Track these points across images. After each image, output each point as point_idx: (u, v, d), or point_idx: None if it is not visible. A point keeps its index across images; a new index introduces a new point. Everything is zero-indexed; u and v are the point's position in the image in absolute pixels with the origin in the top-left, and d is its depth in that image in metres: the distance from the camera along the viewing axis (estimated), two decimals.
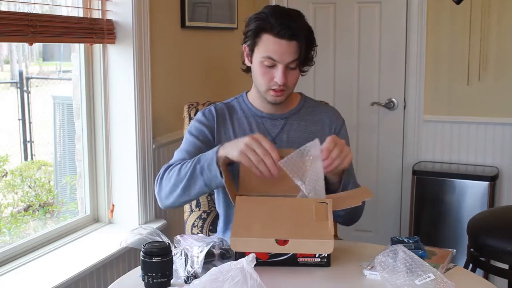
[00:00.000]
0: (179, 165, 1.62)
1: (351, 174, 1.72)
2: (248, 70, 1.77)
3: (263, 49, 1.64)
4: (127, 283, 1.39)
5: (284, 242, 1.34)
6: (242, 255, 1.37)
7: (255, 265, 1.10)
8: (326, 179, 1.58)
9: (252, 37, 1.67)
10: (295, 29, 1.61)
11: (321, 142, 1.75)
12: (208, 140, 1.75)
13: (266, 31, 1.63)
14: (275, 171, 1.45)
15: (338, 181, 1.61)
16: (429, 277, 1.23)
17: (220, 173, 1.52)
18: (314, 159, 1.46)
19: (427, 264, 1.27)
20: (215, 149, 1.54)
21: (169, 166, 1.66)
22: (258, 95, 1.77)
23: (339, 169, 1.52)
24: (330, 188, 1.61)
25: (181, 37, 2.66)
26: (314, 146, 1.47)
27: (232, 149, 1.49)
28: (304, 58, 1.66)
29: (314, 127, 1.80)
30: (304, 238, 1.35)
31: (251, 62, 1.72)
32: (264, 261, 1.40)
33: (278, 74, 1.64)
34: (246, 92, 1.85)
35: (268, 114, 1.78)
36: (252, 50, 1.69)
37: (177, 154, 1.74)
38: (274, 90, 1.68)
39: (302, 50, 1.63)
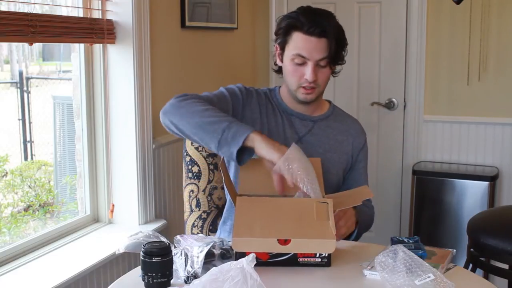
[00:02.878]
0: (211, 107, 1.57)
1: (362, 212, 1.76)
2: (279, 71, 1.78)
3: (293, 46, 1.66)
4: (127, 283, 1.39)
5: (286, 242, 1.34)
6: (242, 255, 1.38)
7: (256, 265, 1.10)
8: None
9: (283, 35, 1.69)
10: (325, 26, 1.62)
11: (343, 152, 1.80)
12: (238, 104, 1.74)
13: (296, 29, 1.65)
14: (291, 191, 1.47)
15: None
16: (429, 277, 1.23)
17: (239, 150, 1.47)
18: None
19: (427, 264, 1.27)
20: (252, 128, 1.51)
21: (199, 95, 1.64)
22: (289, 94, 1.77)
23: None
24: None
25: (181, 37, 2.66)
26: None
27: (269, 148, 1.46)
28: (334, 56, 1.66)
29: (340, 137, 1.82)
30: (306, 237, 1.35)
31: (282, 61, 1.73)
32: (265, 261, 1.40)
33: (308, 71, 1.65)
34: (278, 88, 1.84)
35: (298, 113, 1.79)
36: (283, 49, 1.71)
37: (206, 93, 1.72)
38: (304, 88, 1.69)
39: (332, 47, 1.64)
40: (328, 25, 1.64)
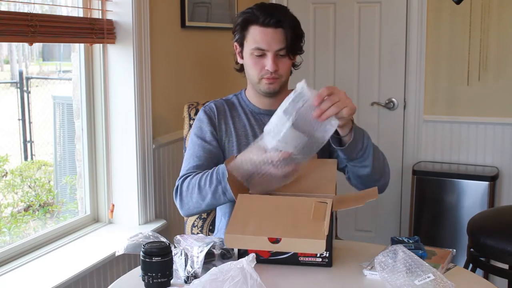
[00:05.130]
0: (196, 180, 1.63)
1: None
2: (241, 69, 1.81)
3: (251, 40, 1.69)
4: (127, 283, 1.39)
5: (277, 240, 1.34)
6: (244, 252, 1.38)
7: (256, 263, 1.10)
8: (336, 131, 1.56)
9: (240, 31, 1.73)
10: (280, 17, 1.67)
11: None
12: (215, 139, 1.78)
13: (252, 23, 1.69)
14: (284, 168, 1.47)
15: (347, 132, 1.57)
16: (428, 277, 1.23)
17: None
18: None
19: (427, 264, 1.27)
20: (222, 177, 1.57)
21: (185, 179, 1.68)
22: (254, 91, 1.80)
23: (340, 118, 1.48)
24: (342, 140, 1.59)
25: (181, 37, 2.66)
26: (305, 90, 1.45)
27: (247, 169, 1.52)
28: (292, 46, 1.69)
29: None
30: (296, 237, 1.35)
31: (242, 58, 1.77)
32: (266, 259, 1.41)
33: (268, 62, 1.67)
34: (244, 90, 1.87)
35: (266, 110, 1.80)
36: (241, 45, 1.74)
37: (188, 161, 1.75)
38: (266, 78, 1.70)
39: (289, 37, 1.67)
40: (283, 16, 1.68)
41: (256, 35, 1.67)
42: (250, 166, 1.50)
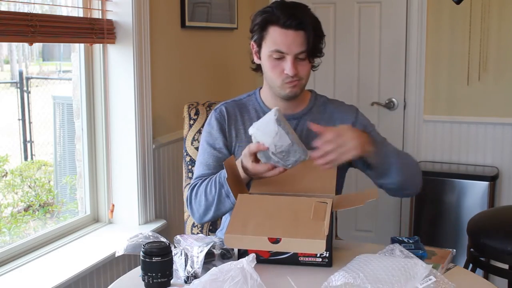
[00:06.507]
0: (203, 187, 1.64)
1: (384, 144, 1.69)
2: (258, 69, 1.75)
3: (270, 42, 1.62)
4: (127, 283, 1.39)
5: (277, 240, 1.34)
6: (244, 252, 1.38)
7: (256, 263, 1.10)
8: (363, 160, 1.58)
9: (259, 31, 1.64)
10: (301, 18, 1.59)
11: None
12: (225, 146, 1.75)
13: (272, 23, 1.61)
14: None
15: (374, 159, 1.57)
16: (430, 279, 1.23)
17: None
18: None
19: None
20: (226, 188, 1.57)
21: (193, 187, 1.68)
22: (270, 92, 1.73)
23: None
24: (372, 166, 1.61)
25: (181, 37, 2.66)
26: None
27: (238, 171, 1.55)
28: (312, 49, 1.62)
29: (326, 125, 1.72)
30: (296, 237, 1.35)
31: (259, 58, 1.69)
32: (266, 259, 1.41)
33: (287, 66, 1.60)
34: (260, 89, 1.81)
35: None
36: (259, 45, 1.67)
37: (198, 169, 1.75)
38: (288, 82, 1.64)
39: (310, 40, 1.60)
40: (305, 17, 1.61)
41: (276, 37, 1.60)
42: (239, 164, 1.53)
